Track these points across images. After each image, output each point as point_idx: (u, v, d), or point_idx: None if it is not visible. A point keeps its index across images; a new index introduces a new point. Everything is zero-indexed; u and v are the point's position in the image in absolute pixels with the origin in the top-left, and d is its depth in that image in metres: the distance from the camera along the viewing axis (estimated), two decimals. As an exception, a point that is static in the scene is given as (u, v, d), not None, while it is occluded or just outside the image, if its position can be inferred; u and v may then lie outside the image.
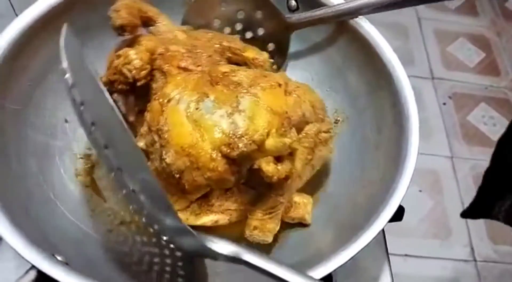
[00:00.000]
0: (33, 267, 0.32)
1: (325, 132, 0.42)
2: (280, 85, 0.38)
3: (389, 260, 0.50)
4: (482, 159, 1.28)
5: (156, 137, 0.37)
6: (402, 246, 1.14)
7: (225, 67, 0.39)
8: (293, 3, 0.50)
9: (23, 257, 0.32)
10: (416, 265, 1.12)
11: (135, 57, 0.39)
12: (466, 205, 1.20)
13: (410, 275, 1.11)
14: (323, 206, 0.45)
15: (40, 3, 0.44)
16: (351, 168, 0.46)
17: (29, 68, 0.44)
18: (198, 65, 0.40)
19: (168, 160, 0.37)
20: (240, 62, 0.45)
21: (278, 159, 0.37)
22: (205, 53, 0.41)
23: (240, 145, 0.34)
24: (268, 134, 0.35)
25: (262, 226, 0.40)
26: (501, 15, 1.60)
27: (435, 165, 1.27)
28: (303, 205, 0.43)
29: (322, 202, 0.45)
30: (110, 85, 0.41)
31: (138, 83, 0.40)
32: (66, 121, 0.47)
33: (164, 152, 0.37)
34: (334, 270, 0.35)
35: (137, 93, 0.42)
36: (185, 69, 0.39)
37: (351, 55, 0.50)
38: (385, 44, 0.47)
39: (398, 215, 0.54)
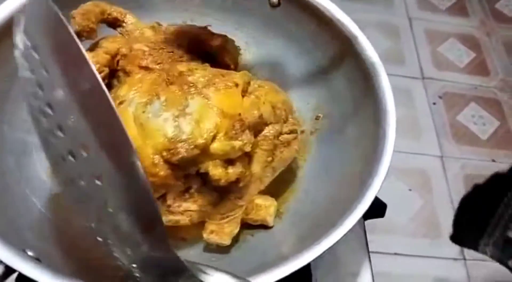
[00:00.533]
0: (0, 262, 0.32)
1: (287, 133, 0.41)
2: (237, 85, 0.38)
3: (369, 257, 0.50)
4: (472, 158, 1.29)
5: None
6: (392, 244, 1.14)
7: (182, 66, 0.39)
8: None
9: (-9, 252, 0.32)
10: (406, 264, 1.12)
11: (92, 60, 0.39)
12: (456, 203, 1.21)
13: (399, 274, 1.11)
14: (300, 202, 0.45)
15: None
16: (330, 163, 0.47)
17: (6, 63, 0.43)
18: (159, 63, 0.40)
19: None
20: (208, 51, 0.45)
21: (230, 162, 0.37)
22: (167, 49, 0.41)
23: (181, 150, 0.34)
24: (214, 138, 0.35)
25: (219, 229, 0.40)
26: (491, 16, 1.61)
27: (425, 164, 1.27)
28: (264, 208, 0.42)
29: (299, 197, 0.45)
30: None
31: None
32: (44, 117, 0.47)
33: None
34: (310, 265, 0.35)
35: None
36: (146, 68, 0.40)
37: (332, 53, 0.50)
38: (365, 41, 0.47)
39: (380, 211, 0.54)
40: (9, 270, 0.31)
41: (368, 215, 0.52)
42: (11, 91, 0.44)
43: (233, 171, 0.37)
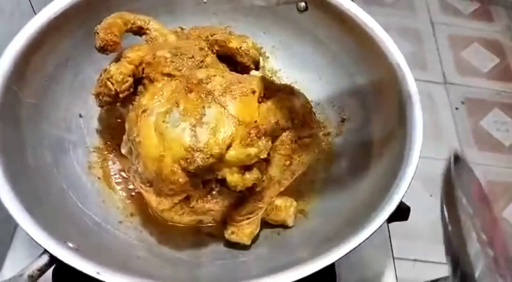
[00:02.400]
0: (45, 251, 0.34)
1: (306, 137, 0.42)
2: (254, 92, 0.39)
3: (393, 259, 0.50)
4: (494, 164, 1.27)
5: (132, 147, 0.39)
6: (412, 250, 1.13)
7: (202, 73, 0.40)
8: (302, 4, 0.51)
9: (36, 242, 0.33)
10: (425, 270, 1.11)
11: (116, 71, 0.41)
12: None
13: (418, 280, 1.10)
14: (326, 203, 0.46)
15: (57, 2, 0.45)
16: (356, 165, 0.47)
17: (46, 65, 0.46)
18: (180, 70, 0.41)
19: (139, 170, 0.39)
20: (227, 53, 0.46)
21: (247, 167, 0.38)
22: (188, 54, 0.43)
23: (197, 158, 0.36)
24: (230, 146, 0.36)
25: (239, 231, 0.42)
26: (516, 21, 1.58)
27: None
28: (284, 209, 0.44)
29: (325, 198, 0.46)
30: (97, 96, 0.44)
31: (121, 95, 0.42)
32: (80, 116, 0.49)
33: (137, 162, 0.39)
34: (334, 264, 0.36)
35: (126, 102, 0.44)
36: (168, 75, 0.41)
37: (358, 56, 0.50)
38: (392, 45, 0.47)
39: (404, 214, 0.54)
40: (53, 259, 0.33)
41: (392, 217, 0.53)
42: (49, 90, 0.46)
43: (250, 177, 0.39)
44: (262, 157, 0.38)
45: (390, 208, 0.38)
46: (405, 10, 1.56)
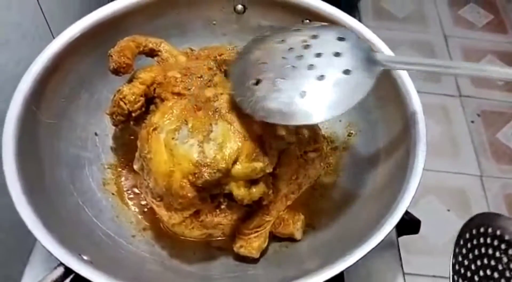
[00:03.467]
0: (60, 264, 0.35)
1: (311, 151, 0.43)
2: None
3: (403, 274, 0.50)
4: (513, 177, 1.25)
5: (143, 163, 0.41)
6: (430, 266, 1.12)
7: (210, 91, 0.41)
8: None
9: (52, 255, 0.35)
10: (445, 286, 1.09)
11: (128, 92, 0.44)
12: (497, 224, 1.17)
13: (438, 296, 1.08)
14: (333, 215, 0.46)
15: (74, 27, 0.48)
16: (363, 178, 0.48)
17: (63, 86, 0.48)
18: (189, 89, 0.43)
19: (150, 185, 0.40)
20: None
21: (254, 182, 0.39)
22: (197, 73, 0.44)
23: (205, 174, 0.37)
24: (236, 161, 0.38)
25: (248, 244, 0.43)
26: (531, 32, 1.57)
27: (464, 184, 1.25)
28: (292, 222, 0.44)
29: (332, 211, 0.47)
30: (111, 116, 0.46)
31: (134, 114, 0.45)
32: (96, 134, 0.51)
33: (148, 177, 0.40)
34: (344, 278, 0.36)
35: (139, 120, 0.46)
36: (178, 94, 0.43)
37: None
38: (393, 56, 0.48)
39: (415, 227, 0.55)
40: (68, 272, 0.35)
41: (402, 231, 0.53)
42: (67, 111, 0.49)
43: (256, 190, 0.40)
44: (267, 171, 0.39)
45: (395, 219, 0.38)
46: (417, 24, 1.57)
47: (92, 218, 0.44)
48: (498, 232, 0.44)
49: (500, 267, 0.44)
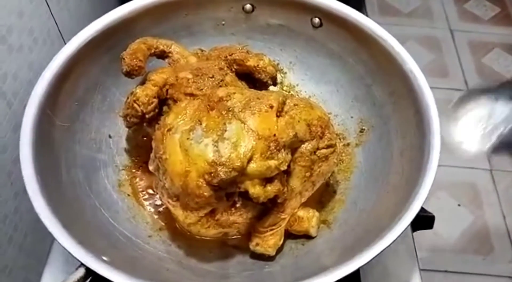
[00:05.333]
0: (81, 265, 0.36)
1: (325, 148, 0.43)
2: (271, 107, 0.40)
3: (419, 268, 0.50)
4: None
5: (159, 164, 0.41)
6: (442, 262, 1.11)
7: (222, 91, 0.42)
8: (317, 20, 0.53)
9: (73, 256, 0.36)
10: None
11: (142, 94, 0.44)
12: (509, 218, 1.16)
13: (451, 292, 1.08)
14: (348, 212, 0.47)
15: (85, 31, 0.48)
16: (376, 174, 0.48)
17: (77, 89, 0.49)
18: (201, 89, 0.44)
19: (166, 185, 0.40)
20: (246, 71, 0.48)
21: (269, 180, 0.40)
22: (208, 74, 0.45)
23: (221, 173, 0.37)
24: (251, 159, 0.38)
25: (264, 242, 0.43)
26: (538, 24, 1.56)
27: (474, 178, 1.24)
28: (307, 219, 0.45)
29: (347, 208, 0.47)
30: (125, 118, 0.46)
31: (147, 116, 0.45)
32: (110, 137, 0.52)
33: (164, 178, 0.41)
34: (359, 275, 0.36)
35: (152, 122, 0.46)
36: (190, 95, 0.43)
37: (374, 67, 0.51)
38: (407, 56, 0.48)
39: (429, 223, 0.55)
40: (89, 272, 0.35)
41: (416, 226, 0.53)
42: (81, 114, 0.49)
43: (271, 189, 0.40)
44: (282, 169, 0.39)
45: (411, 215, 0.38)
46: (423, 19, 1.56)
47: (109, 219, 0.45)
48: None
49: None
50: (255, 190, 0.39)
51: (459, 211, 1.19)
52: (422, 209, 0.50)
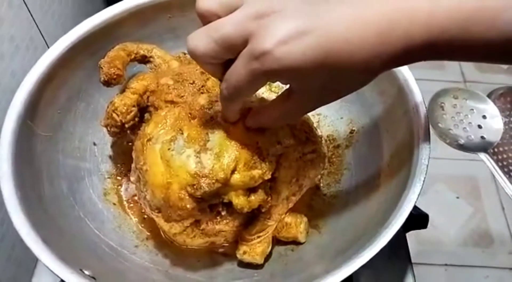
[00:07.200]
0: (62, 281, 0.35)
1: (310, 153, 0.42)
2: None
3: (412, 269, 0.49)
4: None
5: (140, 175, 0.40)
6: (442, 256, 1.11)
7: (203, 99, 0.40)
8: None
9: (52, 272, 0.35)
10: (458, 275, 1.09)
11: (120, 103, 0.43)
12: (508, 210, 1.15)
13: (452, 285, 1.08)
14: (338, 216, 0.46)
15: (67, 37, 0.47)
16: (367, 175, 0.47)
17: (59, 97, 0.47)
18: (182, 96, 0.42)
19: (147, 197, 0.39)
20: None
21: (253, 189, 0.39)
22: (189, 79, 0.44)
23: (204, 184, 0.36)
24: (234, 170, 0.37)
25: (251, 250, 0.42)
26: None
27: (473, 170, 1.23)
28: (295, 225, 0.44)
29: (337, 211, 0.46)
30: (106, 128, 0.45)
31: (127, 125, 0.44)
32: (94, 144, 0.51)
33: (145, 189, 0.40)
34: (352, 278, 0.35)
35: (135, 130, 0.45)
36: (171, 102, 0.42)
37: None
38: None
39: (422, 222, 0.54)
40: (69, 288, 0.34)
41: (409, 227, 0.52)
42: (64, 122, 0.48)
43: (255, 198, 0.39)
44: (266, 178, 0.38)
45: (401, 218, 0.37)
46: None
47: (94, 230, 0.44)
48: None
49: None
50: (239, 200, 0.38)
51: (458, 203, 1.19)
52: (416, 208, 0.49)
